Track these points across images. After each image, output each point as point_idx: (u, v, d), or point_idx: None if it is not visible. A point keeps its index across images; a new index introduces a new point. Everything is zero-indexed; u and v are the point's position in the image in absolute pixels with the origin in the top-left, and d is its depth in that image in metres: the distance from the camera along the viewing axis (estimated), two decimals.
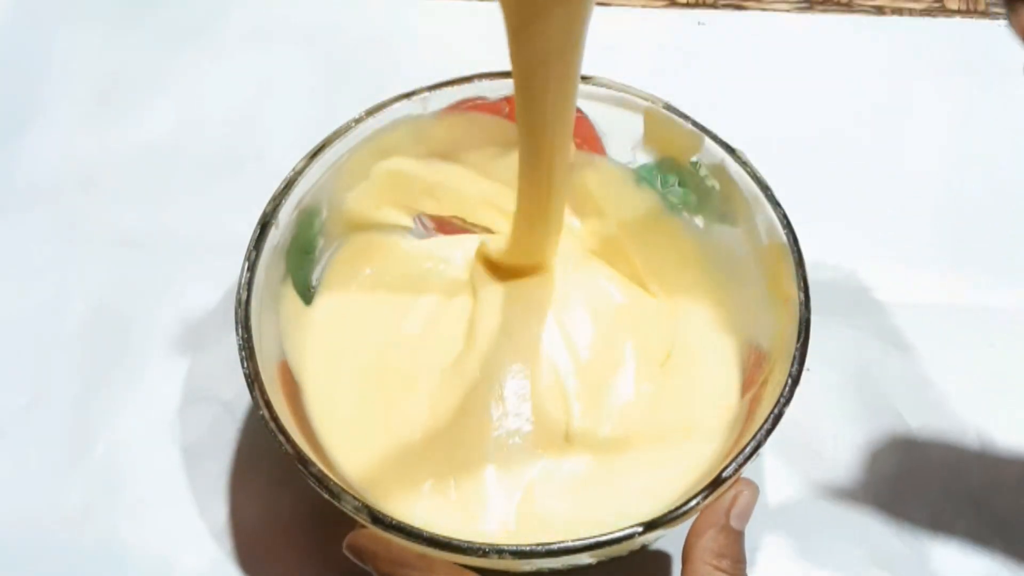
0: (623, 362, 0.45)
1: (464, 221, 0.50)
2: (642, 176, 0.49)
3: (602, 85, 0.46)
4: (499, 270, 0.47)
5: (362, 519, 0.36)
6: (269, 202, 0.43)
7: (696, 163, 0.46)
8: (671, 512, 0.36)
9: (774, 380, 0.40)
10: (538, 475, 0.42)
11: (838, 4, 0.63)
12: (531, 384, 0.44)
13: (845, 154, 0.56)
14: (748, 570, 0.43)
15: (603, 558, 0.37)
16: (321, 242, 0.47)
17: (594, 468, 0.42)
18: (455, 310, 0.47)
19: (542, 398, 0.44)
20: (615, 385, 0.44)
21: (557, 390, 0.44)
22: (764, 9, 0.63)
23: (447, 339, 0.46)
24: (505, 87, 0.47)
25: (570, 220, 0.49)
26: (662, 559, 0.43)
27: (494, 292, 0.47)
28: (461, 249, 0.49)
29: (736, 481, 0.37)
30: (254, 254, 0.42)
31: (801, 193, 0.45)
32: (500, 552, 0.35)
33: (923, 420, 0.47)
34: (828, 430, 0.47)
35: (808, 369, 0.39)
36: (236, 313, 0.40)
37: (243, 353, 0.39)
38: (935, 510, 0.45)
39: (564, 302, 0.47)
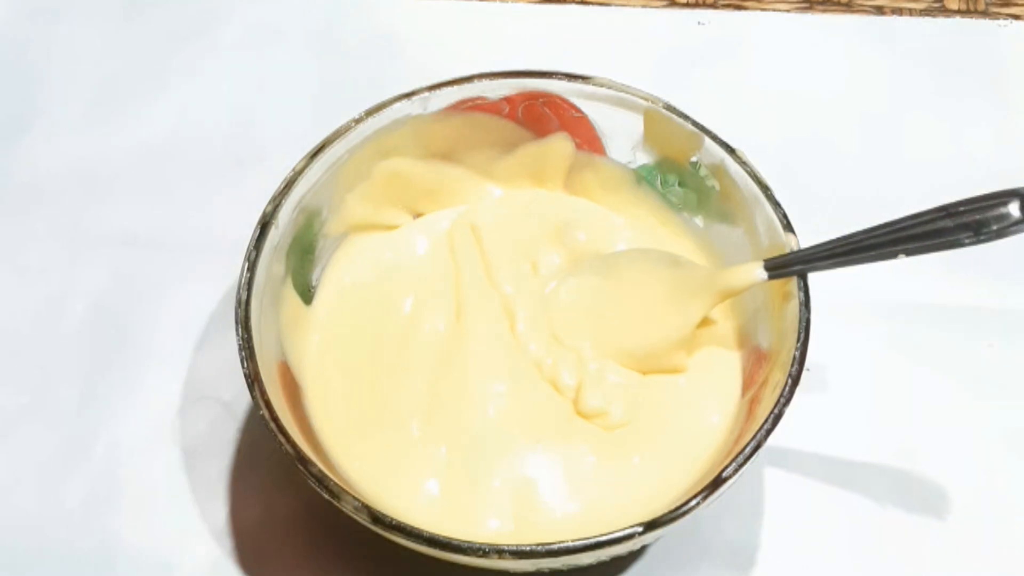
0: (621, 348, 0.45)
1: None
2: (642, 176, 0.49)
3: (602, 85, 0.46)
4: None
5: (362, 519, 0.36)
6: (269, 202, 0.43)
7: (696, 163, 0.46)
8: (671, 512, 0.36)
9: (774, 380, 0.40)
10: (538, 473, 0.42)
11: (838, 4, 0.63)
12: (526, 372, 0.44)
13: (845, 154, 0.56)
14: (747, 571, 0.43)
15: (603, 558, 0.37)
16: (321, 242, 0.47)
17: (593, 467, 0.42)
18: (447, 301, 0.47)
19: (539, 386, 0.44)
20: (614, 377, 0.44)
21: (552, 378, 0.44)
22: (764, 9, 0.63)
23: (442, 332, 0.46)
24: (505, 87, 0.47)
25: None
26: (662, 559, 0.43)
27: (480, 274, 0.47)
28: (448, 222, 0.49)
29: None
30: (254, 254, 0.42)
31: (801, 193, 0.45)
32: (500, 552, 0.35)
33: (923, 420, 0.47)
34: (828, 430, 0.47)
35: (808, 369, 0.39)
36: (236, 313, 0.40)
37: (243, 353, 0.39)
38: (935, 510, 0.45)
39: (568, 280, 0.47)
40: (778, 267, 0.42)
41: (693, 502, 0.36)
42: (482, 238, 0.48)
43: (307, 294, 0.46)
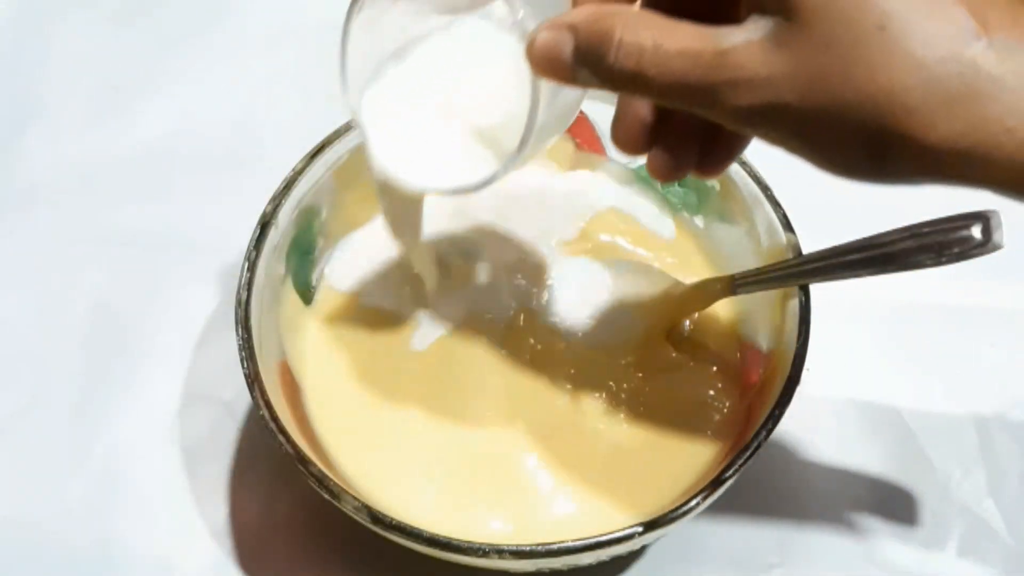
0: (619, 345, 0.45)
1: None
2: (642, 176, 0.49)
3: None
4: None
5: (362, 519, 0.36)
6: (269, 202, 0.43)
7: None
8: (671, 512, 0.36)
9: (774, 380, 0.40)
10: (538, 472, 0.42)
11: None
12: (528, 370, 0.44)
13: None
14: (747, 571, 0.43)
15: (603, 558, 0.37)
16: (321, 242, 0.47)
17: (594, 467, 0.42)
18: (448, 297, 0.47)
19: (541, 383, 0.44)
20: (614, 377, 0.44)
21: (554, 375, 0.44)
22: None
23: (442, 329, 0.46)
24: None
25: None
26: (662, 559, 0.43)
27: (479, 268, 0.47)
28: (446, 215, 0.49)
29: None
30: (254, 254, 0.42)
31: (801, 193, 0.45)
32: (500, 552, 0.35)
33: (923, 420, 0.47)
34: (828, 430, 0.47)
35: (808, 369, 0.39)
36: (236, 313, 0.40)
37: (243, 353, 0.39)
38: (935, 510, 0.45)
39: (558, 281, 0.47)
40: (744, 283, 0.42)
41: (693, 502, 0.36)
42: (482, 230, 0.48)
43: (307, 294, 0.46)
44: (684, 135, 0.34)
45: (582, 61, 0.29)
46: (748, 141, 0.35)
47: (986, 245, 0.34)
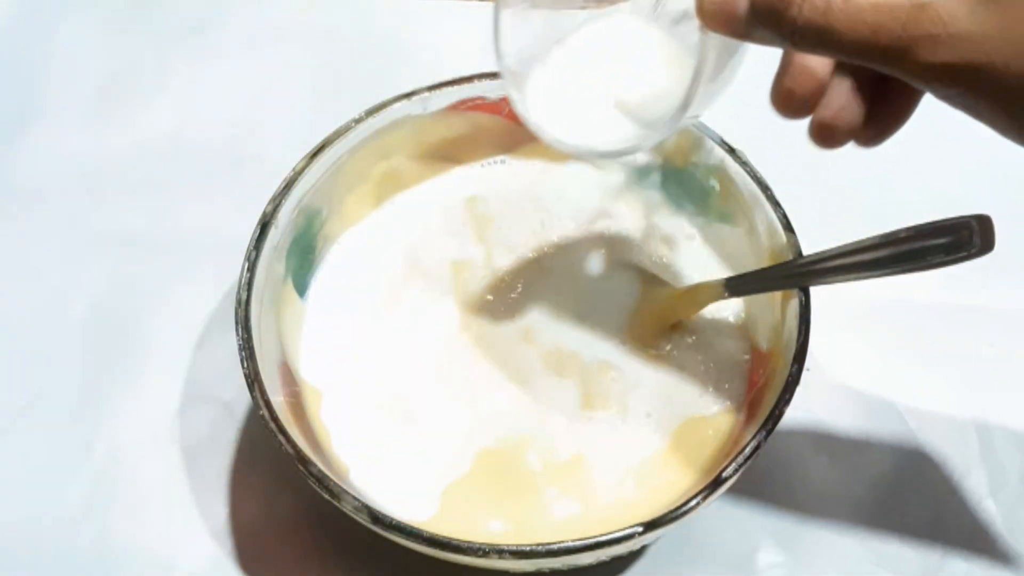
0: (616, 345, 0.45)
1: None
2: (642, 176, 0.49)
3: None
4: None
5: (362, 519, 0.36)
6: (269, 202, 0.43)
7: (696, 163, 0.46)
8: (671, 512, 0.36)
9: (774, 380, 0.40)
10: (537, 472, 0.42)
11: None
12: (532, 365, 0.44)
13: (845, 154, 0.56)
14: (747, 571, 0.43)
15: (603, 558, 0.37)
16: (321, 242, 0.47)
17: (593, 467, 0.42)
18: (450, 293, 0.47)
19: (545, 379, 0.44)
20: (613, 377, 0.44)
21: (558, 370, 0.44)
22: None
23: (445, 326, 0.46)
24: None
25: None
26: (662, 559, 0.43)
27: (484, 260, 0.47)
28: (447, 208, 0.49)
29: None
30: (254, 254, 0.42)
31: (801, 193, 0.45)
32: (500, 552, 0.35)
33: (923, 420, 0.47)
34: (828, 430, 0.47)
35: (808, 369, 0.39)
36: (236, 313, 0.40)
37: (243, 353, 0.39)
38: (935, 510, 0.45)
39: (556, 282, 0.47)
40: (738, 286, 0.42)
41: (693, 502, 0.36)
42: (488, 221, 0.48)
43: (307, 294, 0.46)
44: (852, 96, 0.32)
45: (759, 16, 0.28)
46: (917, 105, 0.33)
47: (980, 249, 0.34)
